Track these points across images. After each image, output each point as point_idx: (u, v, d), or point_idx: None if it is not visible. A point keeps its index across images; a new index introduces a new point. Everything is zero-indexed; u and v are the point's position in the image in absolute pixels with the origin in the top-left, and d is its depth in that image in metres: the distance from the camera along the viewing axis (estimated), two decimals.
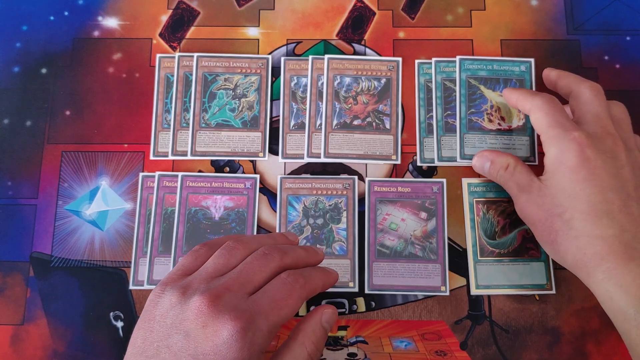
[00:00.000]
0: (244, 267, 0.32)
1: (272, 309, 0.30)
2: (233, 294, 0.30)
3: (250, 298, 0.31)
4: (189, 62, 0.49)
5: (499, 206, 0.45)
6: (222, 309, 0.29)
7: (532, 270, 0.44)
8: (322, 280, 0.34)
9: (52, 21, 0.50)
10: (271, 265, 0.33)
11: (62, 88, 0.49)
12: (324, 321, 0.33)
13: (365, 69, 0.48)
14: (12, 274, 0.45)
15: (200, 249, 0.35)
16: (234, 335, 0.28)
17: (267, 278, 0.32)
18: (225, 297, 0.30)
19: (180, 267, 0.33)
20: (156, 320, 0.30)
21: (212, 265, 0.33)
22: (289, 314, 0.31)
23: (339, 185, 0.46)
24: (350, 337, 0.43)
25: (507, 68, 0.48)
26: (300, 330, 0.33)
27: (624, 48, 0.49)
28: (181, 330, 0.29)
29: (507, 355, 0.43)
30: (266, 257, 0.33)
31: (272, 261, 0.33)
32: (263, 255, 0.33)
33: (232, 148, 0.47)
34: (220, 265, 0.33)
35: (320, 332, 0.33)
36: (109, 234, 0.45)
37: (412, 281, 0.44)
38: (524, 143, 0.46)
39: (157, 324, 0.30)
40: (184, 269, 0.33)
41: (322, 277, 0.34)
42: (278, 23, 0.50)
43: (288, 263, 0.34)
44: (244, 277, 0.31)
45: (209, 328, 0.29)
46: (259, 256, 0.33)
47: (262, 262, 0.33)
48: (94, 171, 0.47)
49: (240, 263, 0.33)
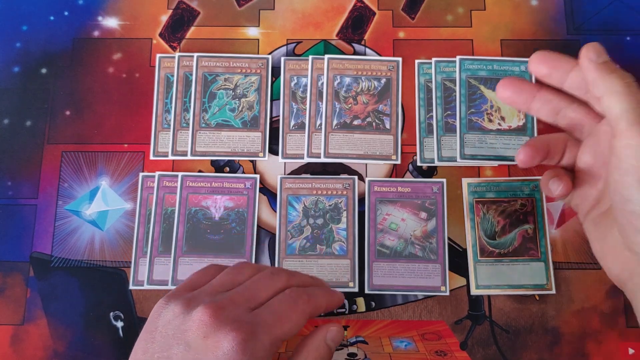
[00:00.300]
0: (251, 283, 0.32)
1: (274, 323, 0.30)
2: (236, 307, 0.30)
3: (254, 312, 0.30)
4: (189, 62, 0.49)
5: (499, 206, 0.45)
6: (224, 320, 0.29)
7: (532, 270, 0.44)
8: (326, 298, 0.34)
9: (52, 21, 0.50)
10: (277, 285, 0.32)
11: (62, 88, 0.49)
12: (328, 339, 0.32)
13: (365, 69, 0.48)
14: (12, 274, 0.45)
15: (210, 267, 0.35)
16: (235, 347, 0.28)
17: (272, 295, 0.32)
18: (228, 309, 0.29)
19: (187, 282, 0.33)
20: (158, 330, 0.30)
21: (219, 281, 0.33)
22: (292, 329, 0.31)
23: (339, 185, 0.46)
24: (350, 337, 0.43)
25: (507, 68, 0.48)
26: (304, 346, 0.32)
27: (624, 48, 0.49)
28: (182, 341, 0.29)
29: (507, 355, 0.42)
30: (273, 275, 0.33)
31: (278, 280, 0.33)
32: (270, 274, 0.33)
33: (232, 148, 0.47)
34: (226, 281, 0.33)
35: (324, 349, 0.32)
36: (109, 234, 0.45)
37: (412, 281, 0.44)
38: (524, 143, 0.46)
39: (159, 334, 0.29)
40: (191, 284, 0.33)
41: (326, 296, 0.34)
42: (278, 23, 0.50)
43: (294, 284, 0.33)
44: (249, 293, 0.31)
45: (210, 339, 0.28)
46: (267, 274, 0.33)
47: (269, 280, 0.32)
48: (94, 171, 0.47)
49: (247, 281, 0.33)
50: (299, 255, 0.45)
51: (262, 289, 0.32)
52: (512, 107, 0.46)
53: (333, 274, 0.44)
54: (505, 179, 0.46)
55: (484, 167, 0.47)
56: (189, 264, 0.44)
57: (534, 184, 0.46)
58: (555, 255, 0.44)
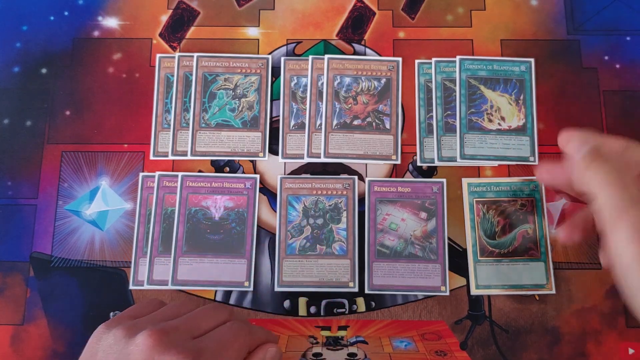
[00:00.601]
0: (194, 313, 0.33)
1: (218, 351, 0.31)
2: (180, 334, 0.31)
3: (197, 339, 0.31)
4: (189, 62, 0.49)
5: (499, 206, 0.45)
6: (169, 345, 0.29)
7: (531, 270, 0.44)
8: (265, 334, 0.35)
9: (52, 21, 0.50)
10: (220, 317, 0.33)
11: (62, 88, 0.49)
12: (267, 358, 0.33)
13: (365, 69, 0.48)
14: (12, 274, 0.45)
15: (152, 300, 0.35)
16: None
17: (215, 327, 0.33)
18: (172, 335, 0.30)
19: (128, 311, 0.34)
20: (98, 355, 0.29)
21: (161, 312, 0.33)
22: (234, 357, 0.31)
23: (339, 185, 0.46)
24: (350, 337, 0.43)
25: (507, 68, 0.48)
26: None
27: (624, 48, 0.49)
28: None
29: (507, 355, 0.42)
30: (216, 308, 0.34)
31: (221, 314, 0.34)
32: (214, 307, 0.34)
33: (232, 148, 0.47)
34: (169, 313, 0.33)
35: None
36: (109, 234, 0.45)
37: (412, 281, 0.44)
38: (523, 143, 0.46)
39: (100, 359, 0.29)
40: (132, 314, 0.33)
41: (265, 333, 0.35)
42: (278, 23, 0.50)
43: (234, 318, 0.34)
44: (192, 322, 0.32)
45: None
46: (210, 307, 0.34)
47: (212, 312, 0.34)
48: (94, 171, 0.47)
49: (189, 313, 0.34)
50: (299, 255, 0.45)
51: (204, 320, 0.33)
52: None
53: (333, 274, 0.44)
54: (506, 179, 0.46)
55: (484, 167, 0.47)
56: (189, 264, 0.44)
57: (534, 184, 0.46)
58: (555, 255, 0.44)
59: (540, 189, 0.45)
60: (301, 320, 0.44)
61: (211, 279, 0.44)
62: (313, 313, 0.44)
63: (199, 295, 0.44)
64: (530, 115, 0.47)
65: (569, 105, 0.48)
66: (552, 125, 0.47)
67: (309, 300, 0.44)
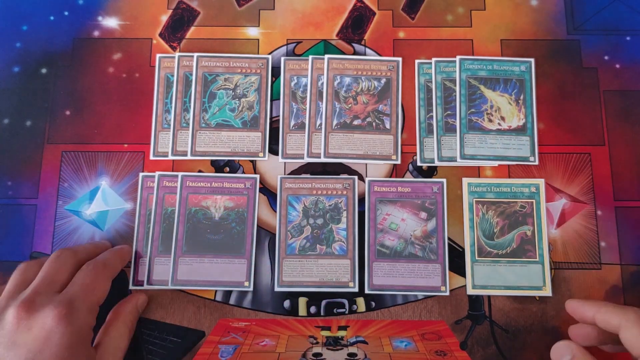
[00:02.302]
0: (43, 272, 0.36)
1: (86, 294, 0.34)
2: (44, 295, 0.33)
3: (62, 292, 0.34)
4: (189, 62, 0.49)
5: (498, 207, 0.45)
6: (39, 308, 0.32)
7: (529, 271, 0.44)
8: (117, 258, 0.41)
9: (52, 21, 0.50)
10: (68, 264, 0.37)
11: (62, 88, 0.49)
12: (139, 305, 0.42)
13: (365, 69, 0.48)
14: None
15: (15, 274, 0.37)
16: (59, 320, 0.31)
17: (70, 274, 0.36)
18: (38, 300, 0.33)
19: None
20: None
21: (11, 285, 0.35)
22: (103, 295, 0.37)
23: (339, 185, 0.46)
24: (350, 337, 0.43)
25: (507, 68, 0.48)
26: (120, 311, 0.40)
27: (624, 48, 0.49)
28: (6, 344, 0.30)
29: (507, 355, 0.43)
30: (59, 258, 0.37)
31: (67, 260, 0.37)
32: (57, 258, 0.37)
33: (232, 148, 0.47)
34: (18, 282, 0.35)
35: (135, 313, 0.41)
36: (109, 234, 0.45)
37: (412, 281, 0.44)
38: (524, 143, 0.46)
39: None
40: None
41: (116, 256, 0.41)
42: (278, 23, 0.50)
43: (83, 258, 0.38)
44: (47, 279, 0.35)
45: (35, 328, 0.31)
46: (53, 259, 0.37)
47: (58, 263, 0.36)
48: (94, 171, 0.47)
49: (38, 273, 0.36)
50: (299, 255, 0.45)
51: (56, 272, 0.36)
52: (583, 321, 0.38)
53: (333, 274, 0.44)
54: (506, 180, 0.46)
55: (484, 167, 0.47)
56: (189, 263, 0.44)
57: (534, 186, 0.46)
58: (555, 255, 0.45)
59: (541, 191, 0.46)
60: (301, 320, 0.44)
61: (211, 278, 0.44)
62: (313, 313, 0.44)
63: (199, 296, 0.44)
64: (530, 115, 0.47)
65: (569, 105, 0.48)
66: (552, 125, 0.47)
67: (309, 300, 0.44)
